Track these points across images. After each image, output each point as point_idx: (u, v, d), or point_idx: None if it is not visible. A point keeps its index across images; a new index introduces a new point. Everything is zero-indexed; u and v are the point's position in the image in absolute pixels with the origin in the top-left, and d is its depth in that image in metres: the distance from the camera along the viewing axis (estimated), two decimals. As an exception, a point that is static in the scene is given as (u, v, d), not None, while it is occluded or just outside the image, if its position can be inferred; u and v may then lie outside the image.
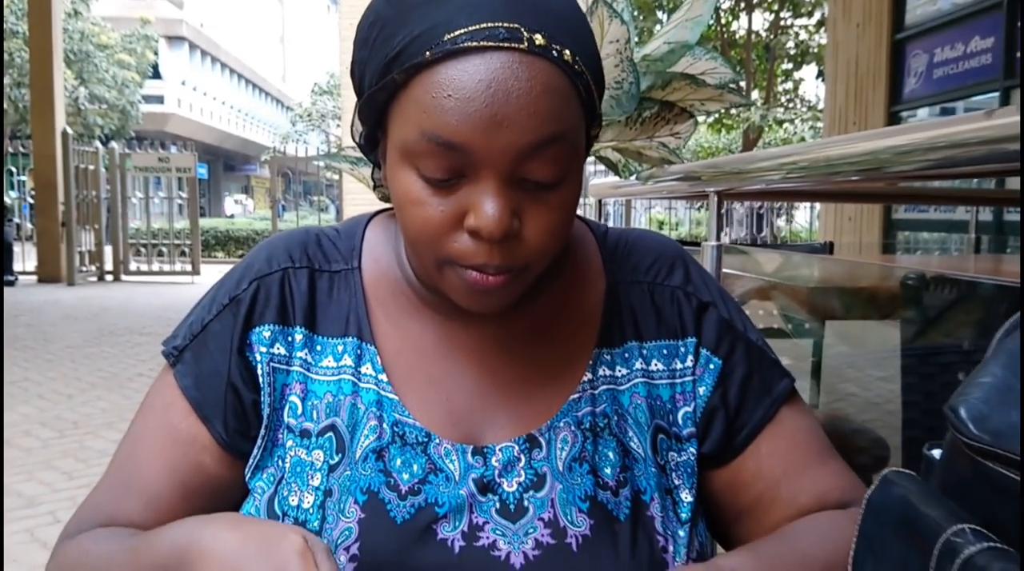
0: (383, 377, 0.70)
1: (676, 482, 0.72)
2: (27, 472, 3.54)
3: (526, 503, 0.67)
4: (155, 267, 12.36)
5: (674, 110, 1.83)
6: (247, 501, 0.70)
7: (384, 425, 0.69)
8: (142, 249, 12.44)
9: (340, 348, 0.71)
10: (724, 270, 1.48)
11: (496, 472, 0.68)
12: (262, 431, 0.70)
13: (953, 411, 0.52)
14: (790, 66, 18.16)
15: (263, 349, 0.71)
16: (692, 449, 0.73)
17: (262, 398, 0.70)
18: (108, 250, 12.18)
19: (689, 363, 0.75)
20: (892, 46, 7.43)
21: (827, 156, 1.16)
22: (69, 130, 11.27)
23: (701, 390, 0.74)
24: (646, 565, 0.67)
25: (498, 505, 0.67)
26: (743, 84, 17.98)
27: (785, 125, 18.73)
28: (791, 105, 18.58)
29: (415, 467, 0.68)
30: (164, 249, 12.40)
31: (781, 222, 15.93)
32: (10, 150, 13.73)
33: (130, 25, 27.71)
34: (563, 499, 0.68)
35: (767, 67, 17.70)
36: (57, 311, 8.61)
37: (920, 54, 7.16)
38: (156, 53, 29.92)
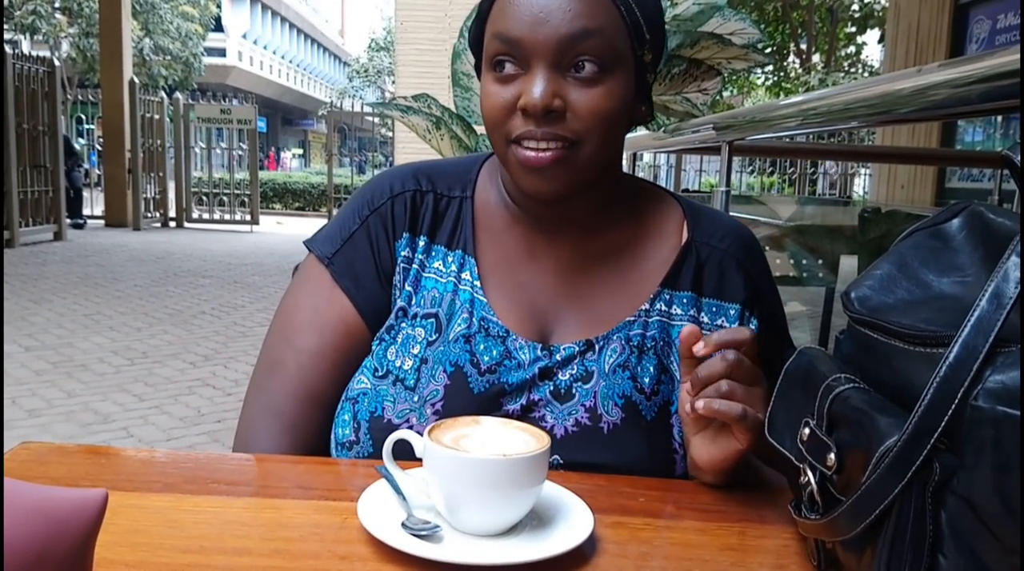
0: (477, 284, 0.88)
1: None
2: (102, 393, 3.87)
3: (574, 391, 0.84)
4: (216, 215, 12.80)
5: (702, 67, 1.97)
6: (367, 358, 0.88)
7: (474, 318, 0.86)
8: (204, 198, 12.87)
9: (449, 258, 0.90)
10: (731, 214, 1.62)
11: (557, 364, 0.85)
12: (394, 312, 0.88)
13: (846, 295, 0.69)
14: (853, 29, 17.72)
15: (399, 254, 0.89)
16: None
17: (393, 290, 0.89)
18: (172, 198, 12.65)
19: (737, 324, 0.89)
20: (955, 11, 7.26)
21: (844, 100, 1.27)
22: (136, 80, 11.66)
23: None
24: (659, 460, 0.84)
25: (551, 388, 0.84)
26: (804, 47, 17.59)
27: (846, 90, 18.30)
28: (852, 70, 18.15)
29: (494, 352, 0.85)
30: (225, 198, 12.82)
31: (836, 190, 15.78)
32: (80, 98, 14.24)
33: (194, -23, 28.14)
34: (604, 393, 0.84)
35: (829, 30, 17.29)
36: (124, 253, 9.06)
37: (983, 20, 7.01)
38: (219, 6, 30.37)
